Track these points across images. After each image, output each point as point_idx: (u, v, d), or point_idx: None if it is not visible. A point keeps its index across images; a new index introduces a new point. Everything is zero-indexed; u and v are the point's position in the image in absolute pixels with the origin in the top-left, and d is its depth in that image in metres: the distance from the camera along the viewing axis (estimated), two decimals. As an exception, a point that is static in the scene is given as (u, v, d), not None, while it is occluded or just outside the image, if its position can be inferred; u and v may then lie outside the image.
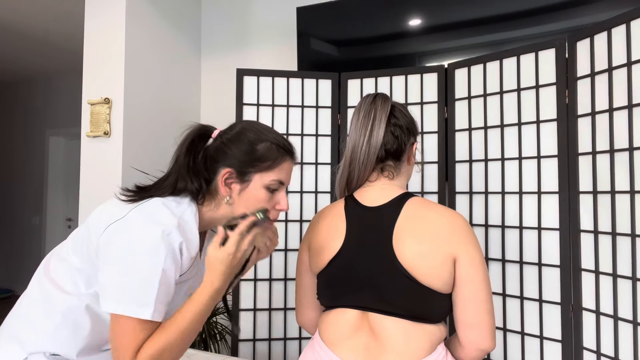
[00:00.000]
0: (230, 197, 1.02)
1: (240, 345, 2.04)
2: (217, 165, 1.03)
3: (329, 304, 1.11)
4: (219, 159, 1.03)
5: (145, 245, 0.91)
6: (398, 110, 1.15)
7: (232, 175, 1.01)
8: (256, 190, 1.02)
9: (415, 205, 1.07)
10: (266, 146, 1.02)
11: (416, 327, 1.02)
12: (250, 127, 1.05)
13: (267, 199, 1.03)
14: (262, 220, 1.01)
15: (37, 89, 5.54)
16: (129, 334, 0.90)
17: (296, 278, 1.22)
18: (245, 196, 1.02)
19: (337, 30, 2.47)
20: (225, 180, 1.02)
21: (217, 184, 1.02)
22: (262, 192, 1.02)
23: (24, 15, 3.64)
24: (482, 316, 1.02)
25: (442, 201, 1.93)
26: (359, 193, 1.14)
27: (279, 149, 1.03)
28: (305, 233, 1.20)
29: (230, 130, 1.06)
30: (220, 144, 1.04)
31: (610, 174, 1.49)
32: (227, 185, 1.02)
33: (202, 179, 1.03)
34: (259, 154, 1.01)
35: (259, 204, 1.03)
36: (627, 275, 1.42)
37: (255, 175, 1.01)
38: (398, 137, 1.13)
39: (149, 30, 2.61)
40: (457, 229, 1.03)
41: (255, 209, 1.02)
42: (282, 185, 1.05)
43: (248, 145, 1.01)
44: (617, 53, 1.47)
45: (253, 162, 1.01)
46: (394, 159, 1.13)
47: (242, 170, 1.01)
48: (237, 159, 1.01)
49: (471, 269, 1.01)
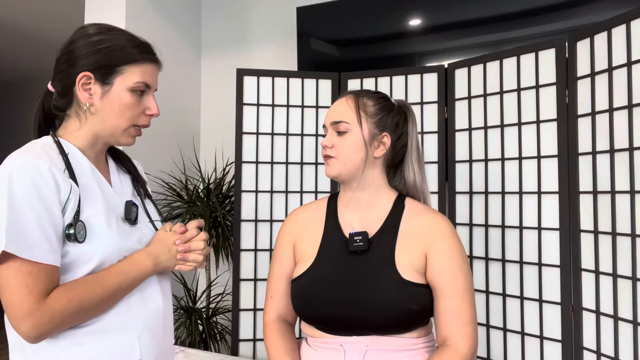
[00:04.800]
0: (92, 105, 0.96)
1: (240, 345, 2.04)
2: (71, 71, 0.96)
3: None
4: (72, 65, 0.96)
5: None
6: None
7: (89, 79, 0.95)
8: (120, 94, 0.96)
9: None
10: (120, 44, 0.98)
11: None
12: (94, 27, 0.99)
13: (135, 103, 0.98)
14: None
15: (37, 89, 5.53)
16: (17, 278, 0.83)
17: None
18: (109, 101, 0.96)
19: (337, 30, 2.47)
20: (83, 85, 0.95)
21: (76, 93, 0.96)
22: (127, 96, 0.97)
23: (24, 15, 3.64)
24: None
25: (442, 201, 1.94)
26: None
27: (135, 47, 0.99)
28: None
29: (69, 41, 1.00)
30: (67, 52, 0.97)
31: (610, 174, 1.49)
32: (85, 90, 0.96)
33: (60, 93, 0.98)
34: (112, 48, 0.96)
35: (127, 110, 0.97)
36: (627, 275, 1.42)
37: (116, 79, 0.96)
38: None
39: (149, 30, 2.60)
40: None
41: (124, 118, 0.98)
42: (149, 89, 1.00)
43: (96, 43, 0.96)
44: (617, 53, 1.47)
45: (110, 58, 0.96)
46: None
47: (100, 71, 0.95)
48: (91, 59, 0.95)
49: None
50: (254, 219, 2.08)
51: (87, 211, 0.93)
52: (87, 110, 0.97)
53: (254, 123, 2.10)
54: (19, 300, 0.83)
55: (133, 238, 1.00)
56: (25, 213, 0.84)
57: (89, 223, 0.92)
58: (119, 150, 1.14)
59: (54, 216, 0.87)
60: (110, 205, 0.98)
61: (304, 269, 1.14)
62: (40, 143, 0.95)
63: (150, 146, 2.58)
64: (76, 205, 0.91)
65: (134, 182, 1.11)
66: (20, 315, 0.84)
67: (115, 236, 0.95)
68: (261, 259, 2.08)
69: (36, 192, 0.86)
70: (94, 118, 0.98)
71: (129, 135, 1.01)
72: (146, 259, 0.97)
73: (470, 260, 1.86)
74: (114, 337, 0.94)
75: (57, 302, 0.86)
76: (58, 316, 0.86)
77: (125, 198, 1.04)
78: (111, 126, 0.98)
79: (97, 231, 0.92)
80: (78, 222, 0.90)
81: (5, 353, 1.03)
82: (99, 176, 1.00)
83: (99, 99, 0.96)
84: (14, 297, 0.84)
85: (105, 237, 0.93)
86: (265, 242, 2.09)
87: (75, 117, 0.99)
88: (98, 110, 0.97)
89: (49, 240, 0.86)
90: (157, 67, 1.03)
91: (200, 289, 2.75)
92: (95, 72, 0.95)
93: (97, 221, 0.93)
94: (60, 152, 0.94)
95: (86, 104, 0.96)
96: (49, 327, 0.85)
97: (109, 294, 0.91)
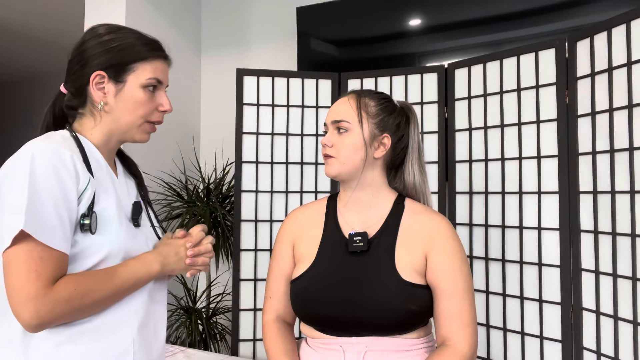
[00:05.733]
0: (107, 104, 0.97)
1: (240, 345, 2.04)
2: (85, 71, 0.97)
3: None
4: (85, 65, 0.97)
5: (16, 168, 0.86)
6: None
7: (103, 78, 0.97)
8: (134, 92, 0.98)
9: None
10: (130, 42, 0.99)
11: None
12: (104, 27, 1.01)
13: (148, 99, 0.99)
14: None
15: (37, 88, 5.54)
16: (28, 261, 0.82)
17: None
18: (123, 99, 0.98)
19: (337, 30, 2.47)
20: (97, 85, 0.97)
21: (90, 93, 0.97)
22: (140, 93, 0.98)
23: (24, 15, 3.64)
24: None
25: (442, 201, 1.94)
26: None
27: (145, 44, 1.00)
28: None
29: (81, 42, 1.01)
30: (79, 52, 0.98)
31: (610, 174, 1.49)
32: (99, 89, 0.97)
33: (74, 94, 0.99)
34: (123, 47, 0.98)
35: (141, 107, 0.99)
36: (627, 275, 1.42)
37: (129, 76, 0.98)
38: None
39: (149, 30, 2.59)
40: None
41: (138, 115, 0.99)
42: (161, 85, 1.02)
43: (107, 42, 0.98)
44: (617, 53, 1.47)
45: (122, 56, 0.97)
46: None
47: (113, 70, 0.97)
48: (103, 58, 0.96)
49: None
50: (254, 219, 2.08)
51: (101, 203, 0.94)
52: (101, 109, 0.98)
53: (254, 123, 2.10)
54: (26, 285, 0.82)
55: (139, 239, 1.00)
56: (44, 196, 0.84)
57: (102, 216, 0.93)
58: (127, 155, 1.15)
59: (70, 203, 0.88)
60: (121, 202, 0.99)
61: (303, 270, 1.13)
62: (59, 134, 0.96)
63: (150, 146, 2.58)
64: (92, 196, 0.91)
65: (139, 187, 1.12)
66: (24, 299, 0.82)
67: (124, 232, 0.96)
68: (261, 259, 2.08)
69: (57, 177, 0.86)
70: (109, 116, 0.99)
71: (144, 132, 1.03)
72: (154, 259, 0.97)
73: (470, 260, 1.86)
74: (108, 337, 0.93)
75: (63, 290, 0.85)
76: (62, 305, 0.85)
77: (131, 199, 1.05)
78: (126, 123, 1.00)
79: (109, 224, 0.93)
80: (92, 213, 0.90)
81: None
82: (112, 173, 1.01)
83: (113, 97, 0.98)
84: (21, 280, 0.82)
85: (115, 231, 0.94)
86: (265, 242, 2.09)
87: (89, 116, 1.00)
88: (112, 108, 0.98)
89: (64, 227, 0.86)
90: (167, 63, 1.04)
91: (200, 289, 2.75)
92: (108, 71, 0.97)
93: (110, 215, 0.94)
94: (78, 145, 0.95)
95: (100, 103, 0.98)
96: (50, 315, 0.84)
97: (115, 290, 0.91)
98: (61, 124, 1.02)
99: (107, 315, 0.93)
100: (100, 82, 0.97)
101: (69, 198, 0.87)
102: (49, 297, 0.83)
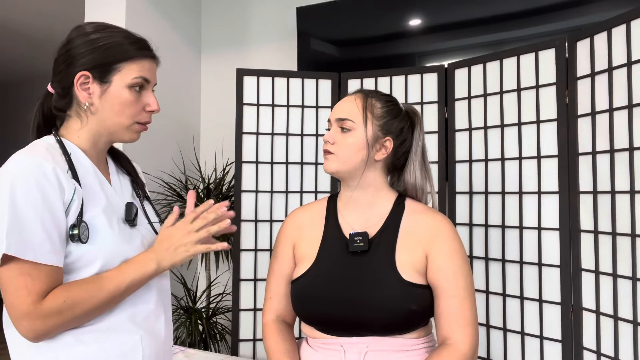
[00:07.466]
0: (92, 104, 0.95)
1: (240, 345, 2.04)
2: (70, 71, 0.95)
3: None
4: (70, 65, 0.95)
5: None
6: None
7: (87, 78, 0.95)
8: (119, 92, 0.95)
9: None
10: (117, 41, 0.97)
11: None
12: (91, 25, 0.98)
13: (134, 100, 0.97)
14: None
15: (37, 89, 5.54)
16: (17, 279, 0.83)
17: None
18: (108, 100, 0.95)
19: (337, 30, 2.47)
20: (81, 85, 0.94)
21: (76, 93, 0.95)
22: (125, 93, 0.96)
23: (24, 15, 3.64)
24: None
25: (442, 201, 1.94)
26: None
27: (132, 43, 0.98)
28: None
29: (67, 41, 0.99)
30: (65, 51, 0.96)
31: (610, 174, 1.49)
32: (84, 90, 0.95)
33: (60, 94, 0.98)
34: (108, 46, 0.96)
35: (127, 108, 0.96)
36: (627, 275, 1.42)
37: (114, 76, 0.95)
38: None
39: (149, 30, 2.60)
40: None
41: (125, 115, 0.97)
42: (148, 84, 0.99)
43: (93, 41, 0.96)
44: (617, 53, 1.47)
45: (107, 56, 0.95)
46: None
47: (97, 70, 0.94)
48: (88, 58, 0.94)
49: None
50: (254, 219, 2.08)
51: (90, 212, 0.93)
52: (87, 109, 0.96)
53: (254, 123, 2.10)
54: (18, 302, 0.84)
55: (134, 240, 0.99)
56: (27, 214, 0.84)
57: (92, 224, 0.92)
58: (119, 151, 1.14)
59: (57, 217, 0.87)
60: (112, 206, 0.98)
61: (304, 270, 1.13)
62: (43, 143, 0.95)
63: (150, 146, 2.58)
64: (79, 206, 0.90)
65: (133, 184, 1.10)
66: (18, 316, 0.85)
67: (117, 237, 0.95)
68: (261, 259, 2.08)
69: (40, 193, 0.86)
70: (95, 117, 0.97)
71: (133, 132, 1.01)
72: (149, 259, 0.96)
73: (470, 260, 1.86)
74: (116, 336, 0.94)
75: (52, 303, 0.85)
76: (54, 317, 0.85)
77: (125, 199, 1.04)
78: (112, 124, 0.98)
79: (100, 232, 0.92)
80: (82, 222, 0.90)
81: (6, 353, 1.02)
82: (101, 177, 1.00)
83: (98, 98, 0.96)
84: (12, 298, 0.84)
85: (107, 238, 0.93)
86: (265, 242, 2.09)
87: (76, 117, 0.99)
88: (98, 109, 0.96)
89: (52, 241, 0.86)
90: (155, 62, 1.02)
91: (200, 289, 2.75)
92: (93, 71, 0.95)
93: (100, 222, 0.93)
94: (63, 152, 0.94)
95: (86, 104, 0.96)
96: (44, 328, 0.85)
97: (108, 296, 0.90)
98: (52, 124, 1.01)
99: (116, 314, 0.94)
100: (85, 83, 0.95)
101: (55, 211, 0.87)
102: (40, 311, 0.84)
